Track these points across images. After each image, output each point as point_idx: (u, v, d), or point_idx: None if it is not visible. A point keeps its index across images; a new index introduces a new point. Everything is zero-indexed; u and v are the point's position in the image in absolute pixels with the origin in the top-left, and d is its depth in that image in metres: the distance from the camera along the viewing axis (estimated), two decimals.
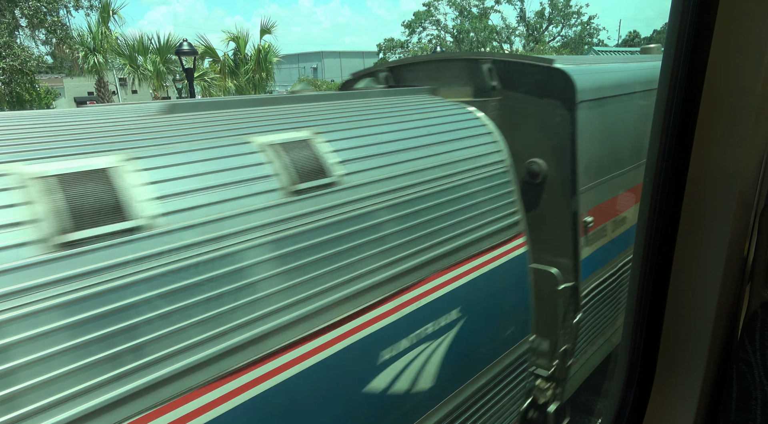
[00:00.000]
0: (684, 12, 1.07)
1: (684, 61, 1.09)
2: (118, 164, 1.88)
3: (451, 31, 34.70)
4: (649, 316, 1.26)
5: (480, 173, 3.17)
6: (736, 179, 1.09)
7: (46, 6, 17.54)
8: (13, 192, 1.64)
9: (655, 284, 1.23)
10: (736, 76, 1.05)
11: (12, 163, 1.70)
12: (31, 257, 1.57)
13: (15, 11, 17.21)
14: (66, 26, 18.78)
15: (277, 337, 2.04)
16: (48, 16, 17.90)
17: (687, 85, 1.10)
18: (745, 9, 1.02)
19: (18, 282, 1.52)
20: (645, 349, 1.28)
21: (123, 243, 1.74)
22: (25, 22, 17.75)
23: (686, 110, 1.11)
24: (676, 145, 1.14)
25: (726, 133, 1.08)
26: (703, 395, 1.22)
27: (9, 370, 1.46)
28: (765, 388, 1.11)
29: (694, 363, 1.21)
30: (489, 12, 33.67)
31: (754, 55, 1.02)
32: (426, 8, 34.47)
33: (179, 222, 1.88)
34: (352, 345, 2.30)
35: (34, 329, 1.52)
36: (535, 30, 34.30)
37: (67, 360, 1.56)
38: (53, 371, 1.53)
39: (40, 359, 1.52)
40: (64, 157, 1.81)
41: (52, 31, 18.25)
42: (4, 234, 1.55)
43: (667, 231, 1.19)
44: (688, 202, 1.16)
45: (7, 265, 1.52)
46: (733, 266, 1.17)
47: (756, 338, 1.13)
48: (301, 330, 2.12)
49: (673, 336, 1.24)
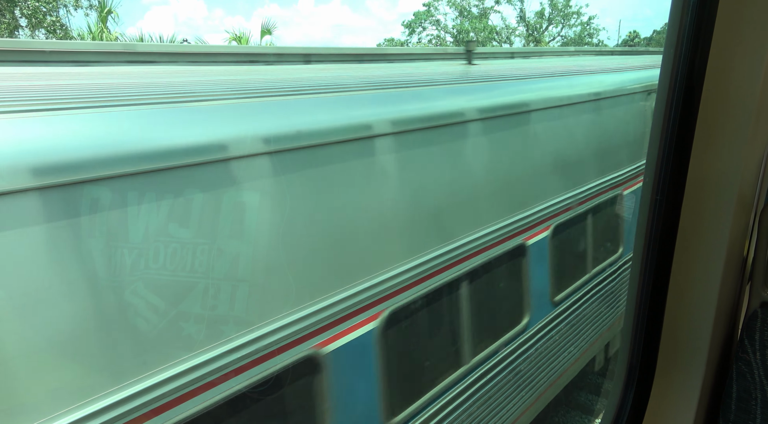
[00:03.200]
0: (684, 12, 1.07)
1: (684, 61, 1.09)
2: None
3: (451, 31, 34.69)
4: (649, 316, 1.26)
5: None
6: (736, 179, 1.09)
7: (45, 6, 17.53)
8: None
9: (655, 284, 1.23)
10: (736, 76, 1.05)
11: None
12: None
13: (15, 11, 17.21)
14: (65, 26, 18.77)
15: None
16: (47, 16, 17.89)
17: (687, 85, 1.10)
18: (745, 9, 1.02)
19: None
20: (645, 349, 1.28)
21: None
22: (25, 22, 17.75)
23: (686, 110, 1.11)
24: (676, 145, 1.14)
25: (726, 133, 1.08)
26: (703, 395, 1.22)
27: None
28: (765, 388, 1.11)
29: (694, 363, 1.21)
30: (489, 12, 33.67)
31: (754, 55, 1.02)
32: (426, 8, 34.46)
33: None
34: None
35: None
36: (535, 30, 34.29)
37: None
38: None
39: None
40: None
41: (52, 31, 18.24)
42: None
43: (667, 231, 1.19)
44: (687, 202, 1.16)
45: None
46: (733, 266, 1.17)
47: (756, 338, 1.13)
48: None
49: (673, 336, 1.24)
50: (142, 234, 1.83)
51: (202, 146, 2.01)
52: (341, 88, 2.87)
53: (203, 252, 1.94)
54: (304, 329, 2.25)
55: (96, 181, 1.75)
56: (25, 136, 1.72)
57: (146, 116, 2.00)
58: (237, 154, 2.09)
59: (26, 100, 1.85)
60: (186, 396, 1.91)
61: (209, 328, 1.98)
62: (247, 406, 2.15)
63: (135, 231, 1.82)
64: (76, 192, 1.71)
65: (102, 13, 18.25)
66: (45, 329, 1.63)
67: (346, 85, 2.96)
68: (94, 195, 1.75)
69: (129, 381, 1.78)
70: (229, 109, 2.26)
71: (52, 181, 1.66)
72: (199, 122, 2.11)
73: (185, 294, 1.92)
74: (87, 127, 1.84)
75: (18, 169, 1.62)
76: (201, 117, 2.14)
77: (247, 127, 2.18)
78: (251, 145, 2.12)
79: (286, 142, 2.23)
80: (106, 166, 1.77)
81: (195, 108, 2.17)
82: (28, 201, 1.62)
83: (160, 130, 1.98)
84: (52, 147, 1.72)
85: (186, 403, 1.92)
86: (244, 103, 2.33)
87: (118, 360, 1.78)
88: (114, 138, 1.85)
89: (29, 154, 1.67)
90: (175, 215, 1.90)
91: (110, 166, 1.78)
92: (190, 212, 1.94)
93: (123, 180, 1.81)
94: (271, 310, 2.15)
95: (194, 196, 1.95)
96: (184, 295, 1.91)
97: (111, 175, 1.78)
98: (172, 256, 1.88)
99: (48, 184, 1.66)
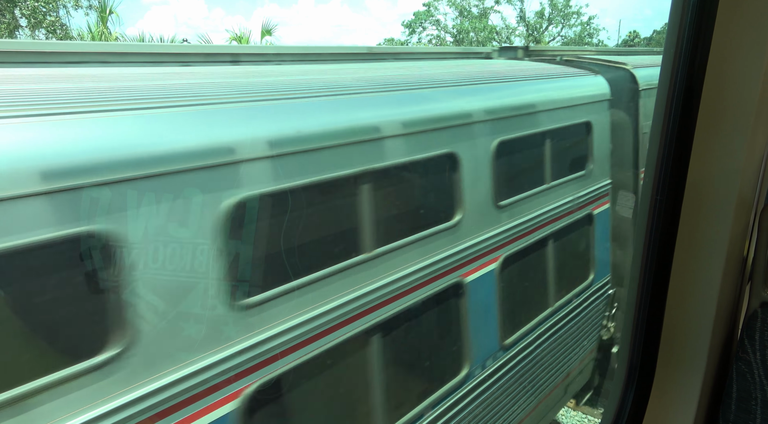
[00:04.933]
0: (684, 12, 1.07)
1: (684, 61, 1.09)
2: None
3: (451, 31, 34.68)
4: (649, 316, 1.26)
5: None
6: (735, 179, 1.09)
7: (44, 6, 17.53)
8: None
9: (655, 284, 1.23)
10: (736, 76, 1.05)
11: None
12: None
13: (15, 11, 17.21)
14: (65, 26, 18.77)
15: None
16: (47, 16, 17.89)
17: (687, 85, 1.10)
18: (745, 9, 1.02)
19: None
20: (645, 349, 1.28)
21: None
22: (25, 22, 17.75)
23: (686, 110, 1.11)
24: (676, 144, 1.14)
25: (726, 133, 1.08)
26: (703, 395, 1.22)
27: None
28: (765, 388, 1.11)
29: (694, 363, 1.21)
30: (489, 12, 33.66)
31: (754, 55, 1.02)
32: (426, 8, 34.46)
33: None
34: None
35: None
36: (535, 30, 34.27)
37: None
38: None
39: None
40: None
41: (52, 31, 18.24)
42: None
43: (668, 231, 1.19)
44: (688, 202, 1.16)
45: None
46: (733, 266, 1.17)
47: (756, 338, 1.13)
48: None
49: (673, 336, 1.24)
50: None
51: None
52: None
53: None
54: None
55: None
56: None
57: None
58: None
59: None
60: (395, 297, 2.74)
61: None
62: (423, 310, 3.00)
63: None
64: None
65: (102, 13, 18.25)
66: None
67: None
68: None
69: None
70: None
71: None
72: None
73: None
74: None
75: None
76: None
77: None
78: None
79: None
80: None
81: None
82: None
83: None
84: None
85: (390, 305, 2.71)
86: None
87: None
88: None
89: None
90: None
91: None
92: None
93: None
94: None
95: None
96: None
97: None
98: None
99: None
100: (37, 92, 1.95)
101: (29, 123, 1.73)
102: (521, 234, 3.72)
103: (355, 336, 2.58)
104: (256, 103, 2.36)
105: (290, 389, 2.40)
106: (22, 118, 1.73)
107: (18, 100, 1.82)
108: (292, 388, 2.41)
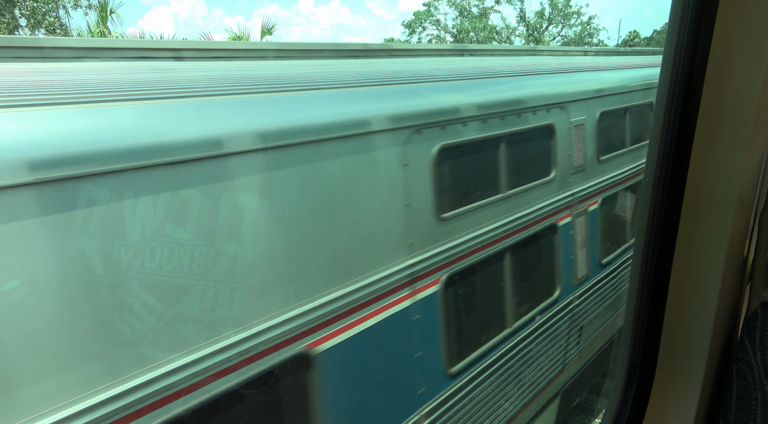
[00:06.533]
0: (684, 12, 1.07)
1: (684, 61, 1.09)
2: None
3: (451, 31, 34.68)
4: (649, 316, 1.26)
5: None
6: (736, 179, 1.09)
7: (44, 6, 17.52)
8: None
9: (655, 284, 1.23)
10: (736, 76, 1.05)
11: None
12: None
13: (14, 11, 17.20)
14: (65, 26, 18.76)
15: None
16: (47, 16, 17.88)
17: (687, 85, 1.10)
18: (745, 9, 1.02)
19: None
20: (645, 349, 1.28)
21: None
22: (25, 22, 17.74)
23: (686, 110, 1.11)
24: (676, 145, 1.14)
25: (726, 133, 1.08)
26: (703, 395, 1.22)
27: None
28: (765, 388, 1.11)
29: (694, 363, 1.21)
30: (489, 12, 33.66)
31: (754, 55, 1.02)
32: (426, 8, 34.46)
33: None
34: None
35: None
36: (535, 30, 34.27)
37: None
38: None
39: None
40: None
41: (51, 30, 18.22)
42: None
43: (668, 231, 1.19)
44: (688, 202, 1.16)
45: None
46: (733, 266, 1.17)
47: (756, 338, 1.13)
48: None
49: (673, 336, 1.24)
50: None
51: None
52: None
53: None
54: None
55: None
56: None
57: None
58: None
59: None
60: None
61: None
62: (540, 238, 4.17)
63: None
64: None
65: (102, 13, 18.23)
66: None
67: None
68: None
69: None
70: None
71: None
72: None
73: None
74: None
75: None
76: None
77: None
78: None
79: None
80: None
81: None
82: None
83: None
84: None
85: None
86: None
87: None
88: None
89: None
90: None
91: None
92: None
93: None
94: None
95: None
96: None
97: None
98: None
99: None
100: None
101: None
102: (620, 182, 5.14)
103: (507, 248, 3.76)
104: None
105: (467, 278, 3.50)
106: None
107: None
108: (469, 277, 3.52)
